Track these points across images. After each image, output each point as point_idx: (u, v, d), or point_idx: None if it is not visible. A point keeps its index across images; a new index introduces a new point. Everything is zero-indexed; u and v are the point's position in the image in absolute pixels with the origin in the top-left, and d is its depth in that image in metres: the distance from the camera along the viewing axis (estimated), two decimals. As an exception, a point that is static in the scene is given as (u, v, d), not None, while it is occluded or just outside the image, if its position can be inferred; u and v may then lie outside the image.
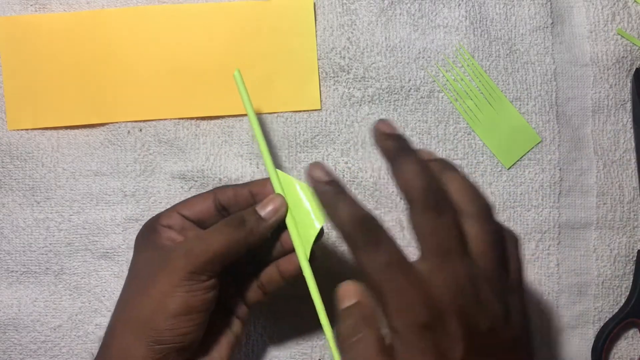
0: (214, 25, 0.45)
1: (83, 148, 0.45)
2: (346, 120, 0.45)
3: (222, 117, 0.45)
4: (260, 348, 0.44)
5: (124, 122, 0.45)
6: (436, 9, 0.45)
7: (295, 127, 0.45)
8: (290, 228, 0.35)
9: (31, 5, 0.45)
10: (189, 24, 0.45)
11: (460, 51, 0.45)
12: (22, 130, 0.45)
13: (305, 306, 0.44)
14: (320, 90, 0.45)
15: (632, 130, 0.46)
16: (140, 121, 0.45)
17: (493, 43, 0.45)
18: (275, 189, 0.36)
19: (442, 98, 0.45)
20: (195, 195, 0.37)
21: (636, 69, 0.46)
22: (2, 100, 0.45)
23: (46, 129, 0.45)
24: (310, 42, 0.45)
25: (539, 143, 0.45)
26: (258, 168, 0.44)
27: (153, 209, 0.44)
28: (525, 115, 0.45)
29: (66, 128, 0.45)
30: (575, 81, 0.46)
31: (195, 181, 0.44)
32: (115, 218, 0.44)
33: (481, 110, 0.45)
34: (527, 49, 0.46)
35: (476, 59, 0.45)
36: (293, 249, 0.36)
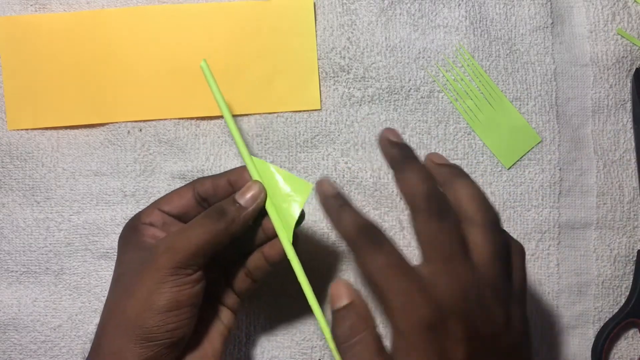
0: (214, 25, 0.45)
1: (83, 148, 0.45)
2: (346, 120, 0.45)
3: (222, 117, 0.45)
4: (260, 348, 0.44)
5: (124, 122, 0.45)
6: (436, 9, 0.45)
7: (295, 127, 0.45)
8: (270, 213, 0.35)
9: (31, 5, 0.45)
10: (189, 24, 0.45)
11: (460, 51, 0.45)
12: (22, 130, 0.45)
13: (305, 306, 0.44)
14: (320, 90, 0.45)
15: (632, 130, 0.46)
16: (140, 121, 0.45)
17: (493, 43, 0.45)
18: (252, 175, 0.36)
19: (442, 98, 0.45)
20: (174, 189, 0.37)
21: (636, 69, 0.46)
22: (2, 100, 0.45)
23: (46, 129, 0.45)
24: (310, 42, 0.45)
25: (539, 143, 0.45)
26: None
27: (153, 209, 0.44)
28: (525, 115, 0.45)
29: (66, 128, 0.45)
30: (575, 81, 0.46)
31: (195, 181, 0.44)
32: (115, 218, 0.44)
33: (481, 110, 0.45)
34: (527, 49, 0.46)
35: (476, 59, 0.45)
36: (276, 234, 0.36)
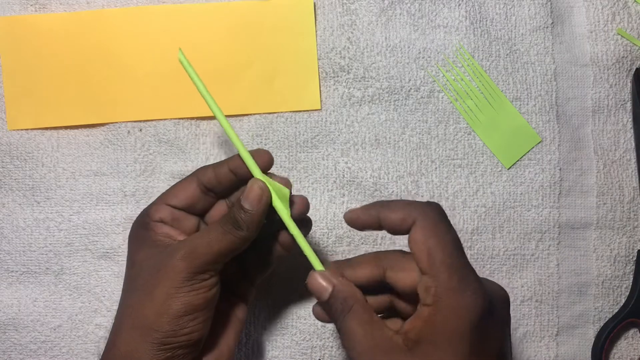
0: (214, 25, 0.45)
1: (83, 148, 0.45)
2: (346, 120, 0.45)
3: (222, 117, 0.45)
4: (260, 348, 0.44)
5: (124, 122, 0.45)
6: (436, 9, 0.45)
7: (295, 127, 0.45)
8: (277, 208, 0.35)
9: (31, 5, 0.45)
10: (189, 24, 0.45)
11: (460, 51, 0.45)
12: (22, 130, 0.45)
13: (305, 307, 0.44)
14: (320, 90, 0.45)
15: (632, 130, 0.46)
16: (140, 121, 0.45)
17: (493, 43, 0.45)
18: (251, 169, 0.35)
19: (442, 98, 0.45)
20: (177, 182, 0.37)
21: (636, 69, 0.46)
22: (2, 100, 0.45)
23: (46, 129, 0.45)
24: (310, 42, 0.45)
25: (539, 143, 0.45)
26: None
27: (153, 209, 0.44)
28: (525, 115, 0.45)
29: (66, 128, 0.45)
30: (575, 81, 0.46)
31: (195, 181, 0.44)
32: (115, 218, 0.44)
33: (481, 110, 0.45)
34: (527, 49, 0.46)
35: (476, 59, 0.45)
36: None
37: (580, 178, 0.46)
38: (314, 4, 0.45)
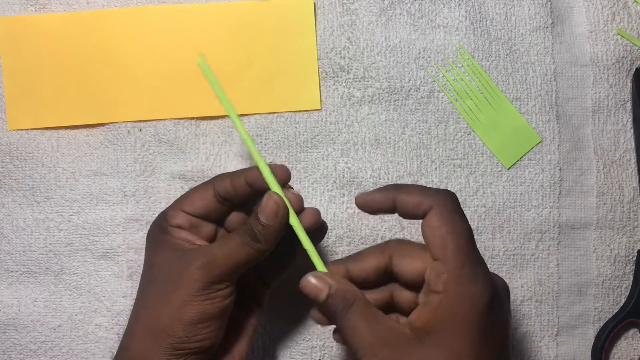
0: (214, 25, 0.45)
1: (83, 148, 0.45)
2: (346, 120, 0.45)
3: (222, 117, 0.45)
4: (260, 348, 0.44)
5: (124, 122, 0.45)
6: (436, 9, 0.45)
7: (295, 127, 0.45)
8: (293, 224, 0.34)
9: (31, 5, 0.45)
10: (189, 24, 0.45)
11: (460, 51, 0.45)
12: (22, 130, 0.45)
13: (304, 307, 0.44)
14: (320, 90, 0.45)
15: (632, 130, 0.46)
16: (140, 121, 0.45)
17: (493, 43, 0.45)
18: (268, 182, 0.34)
19: (442, 98, 0.45)
20: (193, 188, 0.37)
21: (636, 69, 0.46)
22: (2, 100, 0.45)
23: (46, 129, 0.45)
24: (310, 42, 0.45)
25: (539, 143, 0.45)
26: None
27: (153, 209, 0.44)
28: (525, 115, 0.45)
29: (66, 128, 0.45)
30: (575, 81, 0.46)
31: (195, 181, 0.44)
32: (115, 218, 0.44)
33: (481, 110, 0.45)
34: (527, 49, 0.46)
35: (476, 59, 0.45)
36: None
37: (580, 178, 0.46)
38: (314, 4, 0.45)
